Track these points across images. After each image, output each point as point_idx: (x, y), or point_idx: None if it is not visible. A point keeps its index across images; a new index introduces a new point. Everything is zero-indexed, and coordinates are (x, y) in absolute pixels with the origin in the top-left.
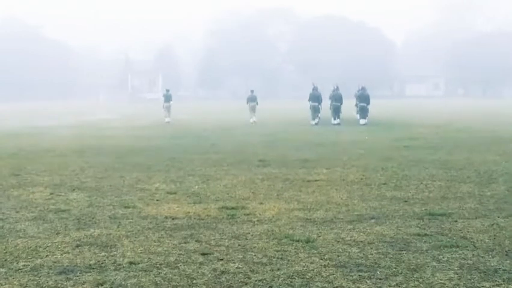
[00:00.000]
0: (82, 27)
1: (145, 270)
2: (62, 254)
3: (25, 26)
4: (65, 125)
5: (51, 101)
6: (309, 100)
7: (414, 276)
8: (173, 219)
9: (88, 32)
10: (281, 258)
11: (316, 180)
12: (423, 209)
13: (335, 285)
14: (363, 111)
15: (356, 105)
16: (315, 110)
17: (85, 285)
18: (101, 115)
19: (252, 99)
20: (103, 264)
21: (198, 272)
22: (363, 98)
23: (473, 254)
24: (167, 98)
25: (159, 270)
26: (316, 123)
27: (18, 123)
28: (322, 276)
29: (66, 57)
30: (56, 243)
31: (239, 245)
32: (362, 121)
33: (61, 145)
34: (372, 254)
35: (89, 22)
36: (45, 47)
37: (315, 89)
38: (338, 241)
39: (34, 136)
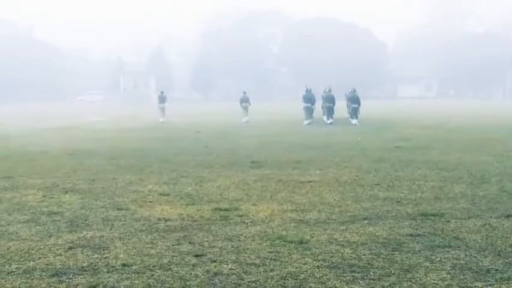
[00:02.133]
0: (74, 29)
1: (138, 272)
2: (54, 257)
3: (15, 29)
4: (57, 126)
5: (43, 103)
6: (302, 101)
7: (407, 276)
8: (166, 221)
9: (80, 34)
10: (274, 259)
11: (309, 181)
12: (416, 209)
13: (328, 286)
14: (354, 112)
15: (348, 106)
16: (309, 111)
17: None
18: (93, 117)
19: (244, 100)
20: (95, 267)
21: (191, 273)
22: (354, 100)
23: (465, 254)
24: (162, 99)
25: (152, 272)
26: (309, 123)
27: (10, 125)
28: (315, 277)
29: (57, 59)
30: (49, 246)
31: (232, 247)
32: (354, 121)
33: (53, 147)
34: (365, 255)
35: (80, 24)
36: (37, 49)
37: (308, 90)
38: (331, 242)
39: (26, 138)
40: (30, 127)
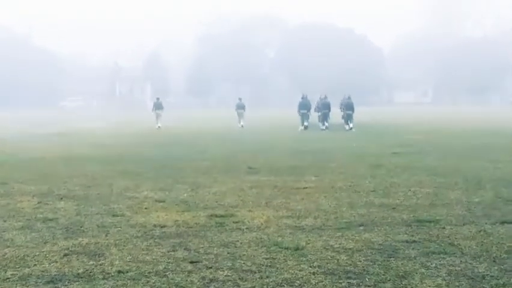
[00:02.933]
0: (71, 34)
1: (134, 279)
2: (50, 263)
3: (12, 34)
4: (53, 132)
5: (39, 109)
6: (298, 108)
7: (403, 283)
8: (162, 227)
9: (77, 39)
10: (270, 265)
11: (305, 188)
12: (411, 216)
13: None
14: (349, 118)
15: (342, 112)
16: (304, 117)
17: None
18: (89, 123)
19: (240, 107)
20: (91, 273)
21: (187, 280)
22: (349, 106)
23: (461, 261)
24: (158, 105)
25: (148, 279)
26: (305, 129)
27: (5, 130)
28: (311, 283)
29: (54, 65)
30: (44, 252)
31: (228, 253)
32: (348, 126)
33: (49, 153)
34: (360, 261)
35: (77, 29)
36: (34, 55)
37: (304, 97)
38: (327, 248)
39: (21, 144)
40: (25, 133)
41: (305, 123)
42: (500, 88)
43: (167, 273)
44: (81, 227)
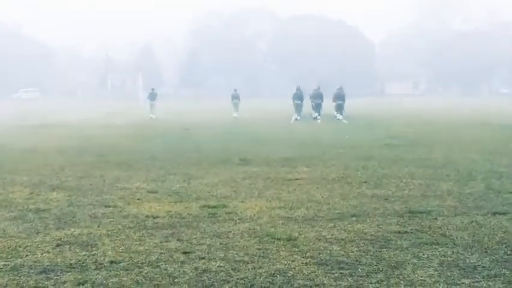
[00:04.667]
0: (63, 26)
1: (126, 269)
2: (42, 254)
3: (3, 25)
4: (44, 123)
5: (32, 100)
6: (293, 99)
7: (395, 273)
8: (154, 218)
9: (69, 31)
10: (263, 256)
11: (297, 179)
12: (403, 206)
13: (316, 283)
14: (339, 108)
15: (334, 102)
16: (298, 108)
17: (65, 285)
18: (81, 114)
19: (235, 97)
20: (83, 264)
21: (180, 270)
22: (340, 97)
23: (452, 251)
24: (153, 96)
25: (140, 269)
26: (298, 120)
27: None
28: (303, 273)
29: (46, 56)
30: (36, 243)
31: (220, 244)
32: (339, 116)
33: (40, 144)
34: (353, 252)
35: (70, 21)
36: (25, 45)
37: (298, 89)
38: (319, 239)
39: (13, 135)
40: (19, 123)
41: (298, 116)
42: (489, 80)
43: (160, 263)
44: (73, 217)
